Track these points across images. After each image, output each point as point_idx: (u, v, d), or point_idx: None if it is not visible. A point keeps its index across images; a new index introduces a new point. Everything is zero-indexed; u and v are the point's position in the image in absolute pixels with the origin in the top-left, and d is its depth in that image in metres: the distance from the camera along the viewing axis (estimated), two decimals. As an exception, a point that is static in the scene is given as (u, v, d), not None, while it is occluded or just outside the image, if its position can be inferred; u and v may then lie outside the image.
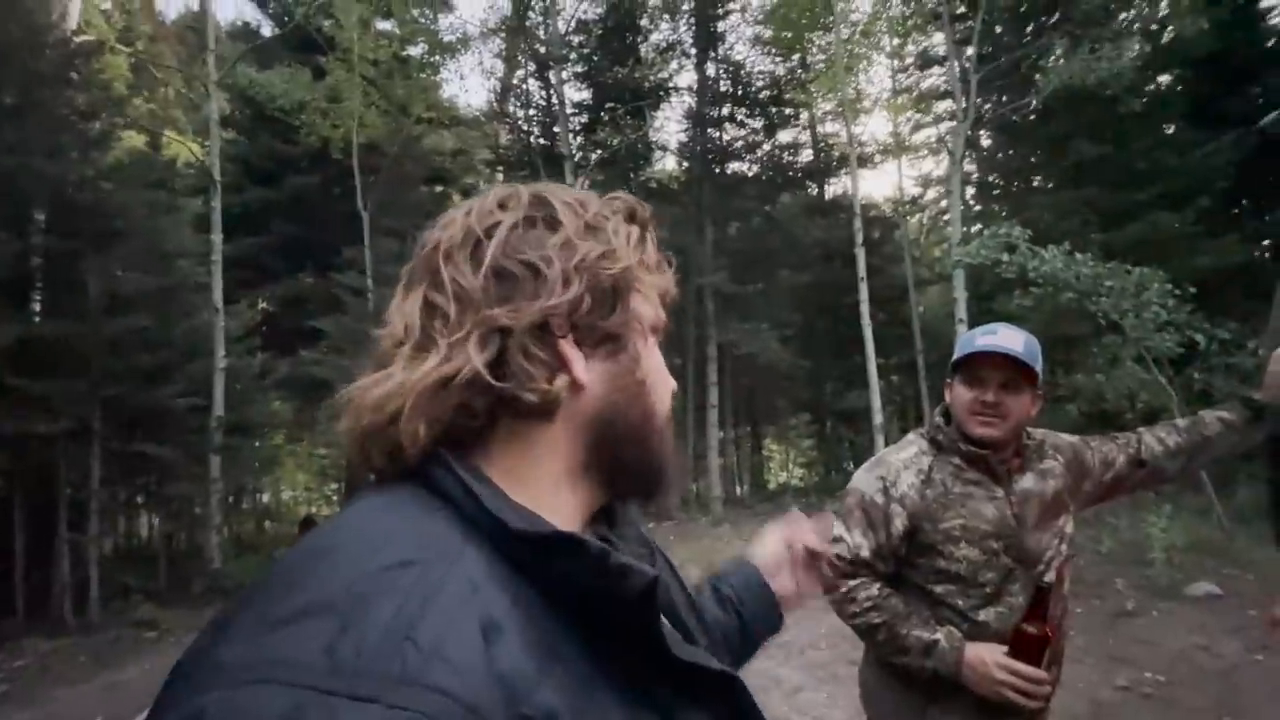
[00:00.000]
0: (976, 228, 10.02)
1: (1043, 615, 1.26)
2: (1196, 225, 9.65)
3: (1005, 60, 11.12)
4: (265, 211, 13.43)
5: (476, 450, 0.49)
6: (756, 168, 16.22)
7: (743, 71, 15.18)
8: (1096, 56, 9.16)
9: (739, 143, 15.74)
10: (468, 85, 57.04)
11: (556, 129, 14.07)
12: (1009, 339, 1.42)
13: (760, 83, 15.22)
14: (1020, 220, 7.91)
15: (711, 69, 15.10)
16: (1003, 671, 1.29)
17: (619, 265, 0.51)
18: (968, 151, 12.20)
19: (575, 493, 0.52)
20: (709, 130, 15.15)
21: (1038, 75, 10.42)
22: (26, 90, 6.93)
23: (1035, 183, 13.38)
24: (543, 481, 0.50)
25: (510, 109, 15.97)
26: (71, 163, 7.18)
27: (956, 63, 11.67)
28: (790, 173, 16.75)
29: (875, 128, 23.25)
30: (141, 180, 8.13)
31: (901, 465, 1.49)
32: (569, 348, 0.49)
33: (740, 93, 15.27)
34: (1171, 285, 6.37)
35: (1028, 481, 1.47)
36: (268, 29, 15.64)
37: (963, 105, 10.87)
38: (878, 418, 10.93)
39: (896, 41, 13.79)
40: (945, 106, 14.80)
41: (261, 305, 13.76)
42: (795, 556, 0.85)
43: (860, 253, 11.24)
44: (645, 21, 14.85)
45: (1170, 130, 11.20)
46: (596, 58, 14.60)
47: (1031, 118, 11.91)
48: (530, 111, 15.61)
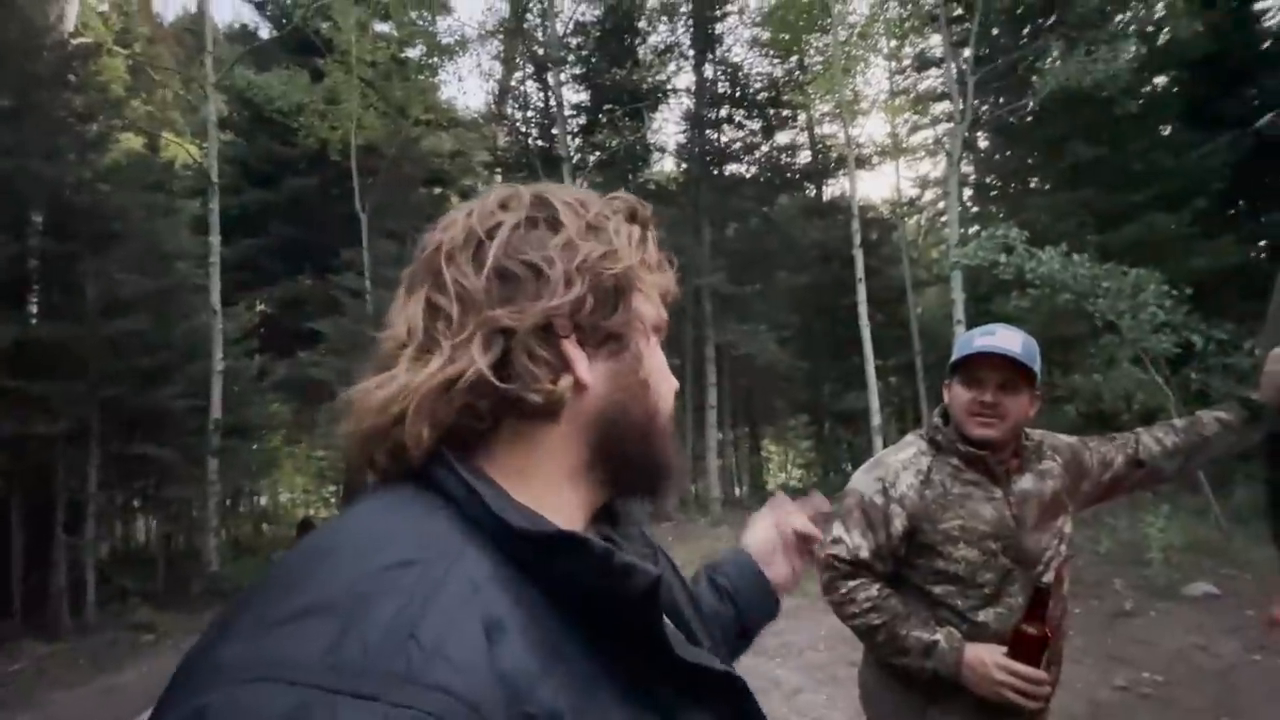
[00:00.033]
0: (974, 229, 10.07)
1: (1042, 616, 1.27)
2: (1193, 226, 9.69)
3: (1002, 62, 11.14)
4: (263, 213, 13.41)
5: (479, 451, 0.49)
6: (754, 169, 16.25)
7: (741, 73, 15.21)
8: (1093, 58, 9.18)
9: (737, 144, 15.77)
10: (466, 87, 57.02)
11: (555, 131, 14.06)
12: (1007, 340, 1.43)
13: (758, 84, 15.25)
14: (1017, 221, 7.93)
15: (709, 71, 15.12)
16: (1002, 672, 1.29)
17: (621, 265, 0.51)
18: (965, 153, 12.21)
19: (578, 492, 0.52)
20: (707, 132, 15.17)
21: (1034, 77, 10.46)
22: (24, 92, 6.91)
23: (1032, 184, 13.42)
24: (546, 481, 0.50)
25: (508, 111, 15.97)
26: (69, 165, 7.15)
27: (954, 64, 11.69)
28: (788, 174, 16.77)
29: (873, 129, 23.48)
30: (139, 182, 8.10)
31: (900, 466, 1.50)
32: (572, 348, 0.49)
33: (738, 94, 15.29)
34: (1168, 286, 6.40)
35: (1026, 482, 1.47)
36: (266, 31, 15.65)
37: (960, 107, 10.89)
38: (876, 419, 10.93)
39: (894, 43, 13.80)
40: (942, 108, 14.84)
41: (260, 307, 13.73)
42: (785, 540, 0.85)
43: (858, 254, 11.24)
44: (643, 23, 14.87)
45: (1166, 132, 11.23)
46: (594, 60, 14.61)
47: (1028, 119, 11.95)
48: (528, 113, 15.61)
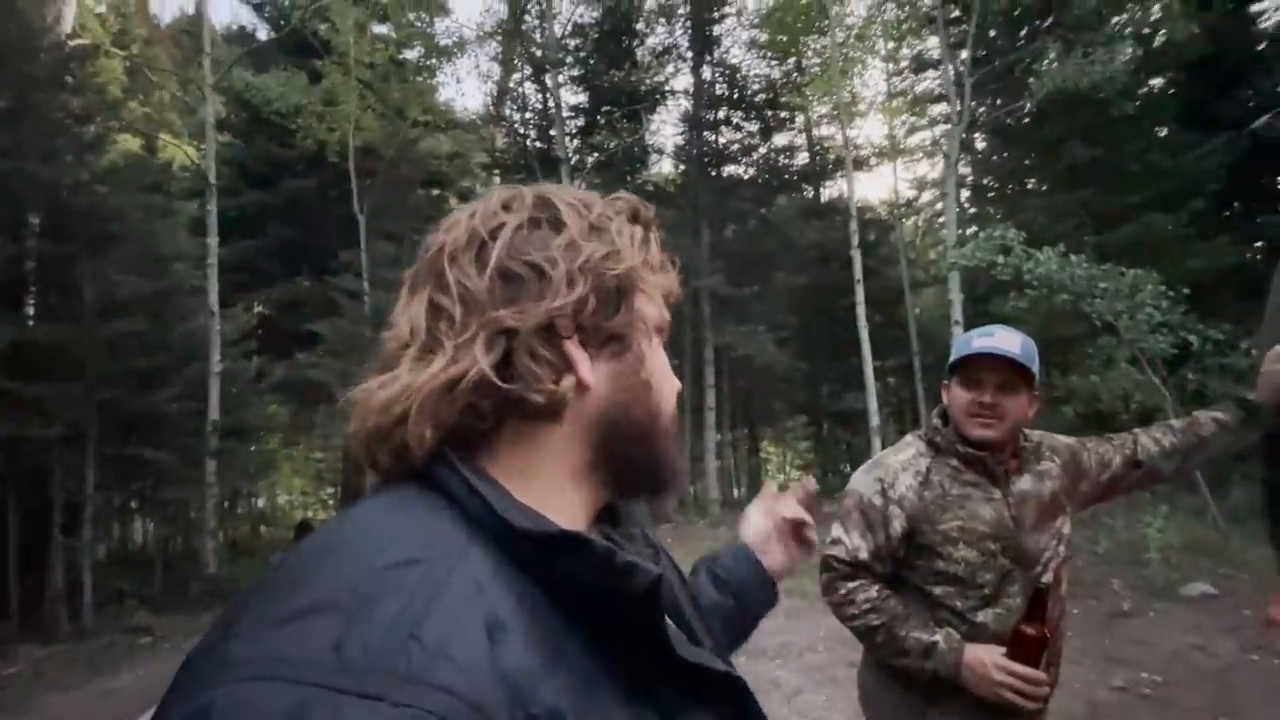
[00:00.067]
0: (972, 230, 10.08)
1: (1041, 616, 1.27)
2: (1189, 227, 9.72)
3: (999, 64, 11.17)
4: (261, 215, 13.39)
5: (482, 451, 0.49)
6: (752, 170, 16.29)
7: (738, 75, 15.24)
8: (1089, 60, 9.22)
9: (735, 146, 15.80)
10: (464, 89, 57.13)
11: (553, 132, 14.07)
12: (1006, 341, 1.43)
13: (756, 86, 15.29)
14: (1015, 222, 7.94)
15: (707, 72, 15.15)
16: (1001, 673, 1.30)
17: (623, 266, 0.51)
18: (962, 154, 12.24)
19: (580, 492, 0.52)
20: (705, 133, 15.19)
21: (1031, 79, 10.50)
22: (21, 94, 6.89)
23: (1029, 185, 13.45)
24: (548, 481, 0.50)
25: (507, 112, 15.99)
26: (66, 166, 7.13)
27: (951, 66, 11.71)
28: (786, 175, 16.80)
29: (870, 131, 23.45)
30: (137, 184, 8.08)
31: (899, 467, 1.50)
32: (574, 348, 0.49)
33: (736, 96, 15.32)
34: (1165, 287, 6.42)
35: (1025, 483, 1.47)
36: (263, 32, 15.65)
37: (957, 108, 10.91)
38: (874, 419, 10.94)
39: (891, 45, 13.84)
40: (940, 110, 14.86)
41: (257, 309, 13.68)
42: (779, 528, 0.86)
43: (856, 255, 11.25)
44: (641, 25, 14.90)
45: (1163, 133, 11.26)
46: (593, 61, 14.63)
47: (1025, 121, 11.99)
48: (527, 115, 15.64)
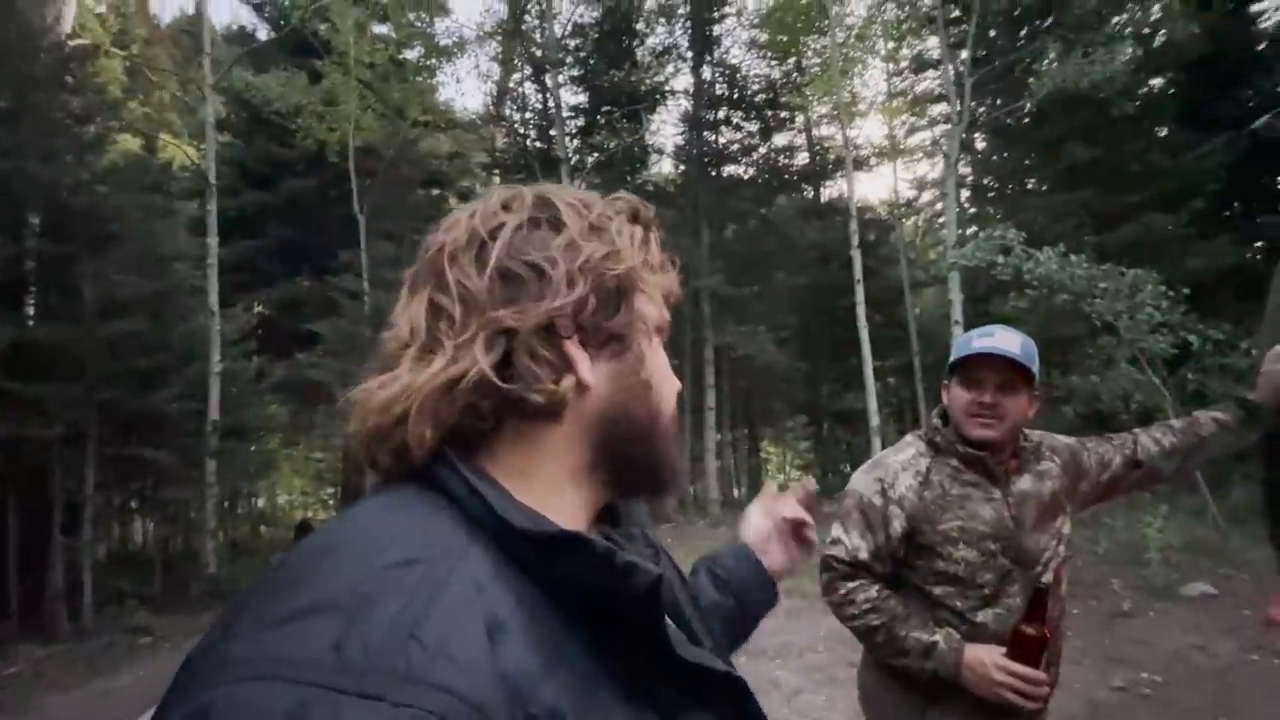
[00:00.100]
0: (971, 230, 10.08)
1: (1041, 616, 1.27)
2: (1189, 227, 9.72)
3: (999, 64, 11.17)
4: (261, 215, 13.39)
5: (482, 451, 0.49)
6: (752, 171, 16.29)
7: (738, 75, 15.24)
8: (1089, 60, 9.22)
9: (735, 146, 15.80)
10: (464, 89, 57.20)
11: (553, 132, 14.08)
12: (1006, 341, 1.43)
13: (756, 86, 15.29)
14: (1015, 222, 7.94)
15: (707, 73, 15.15)
16: (1001, 673, 1.30)
17: (623, 266, 0.51)
18: (962, 154, 12.24)
19: (580, 492, 0.52)
20: (705, 133, 15.19)
21: (1031, 79, 10.50)
22: (21, 94, 6.89)
23: (1029, 185, 13.45)
24: (548, 481, 0.50)
25: (506, 112, 16.00)
26: (66, 166, 7.13)
27: (951, 66, 11.71)
28: (786, 175, 16.81)
29: (870, 131, 23.46)
30: (137, 184, 8.08)
31: (899, 467, 1.50)
32: (574, 348, 0.49)
33: (736, 96, 15.32)
34: (1165, 287, 6.42)
35: (1025, 483, 1.47)
36: (263, 32, 15.65)
37: (957, 108, 10.91)
38: (874, 419, 10.94)
39: (891, 45, 13.85)
40: (940, 110, 14.87)
41: (257, 309, 13.69)
42: (779, 528, 0.86)
43: (856, 255, 11.25)
44: (641, 25, 14.90)
45: (1163, 133, 11.26)
46: (593, 61, 14.63)
47: (1025, 121, 11.99)
48: (526, 115, 15.64)
